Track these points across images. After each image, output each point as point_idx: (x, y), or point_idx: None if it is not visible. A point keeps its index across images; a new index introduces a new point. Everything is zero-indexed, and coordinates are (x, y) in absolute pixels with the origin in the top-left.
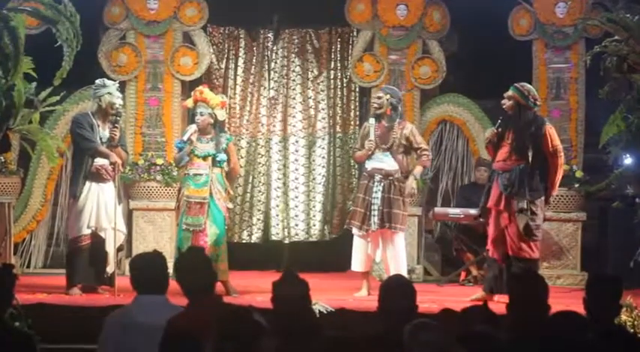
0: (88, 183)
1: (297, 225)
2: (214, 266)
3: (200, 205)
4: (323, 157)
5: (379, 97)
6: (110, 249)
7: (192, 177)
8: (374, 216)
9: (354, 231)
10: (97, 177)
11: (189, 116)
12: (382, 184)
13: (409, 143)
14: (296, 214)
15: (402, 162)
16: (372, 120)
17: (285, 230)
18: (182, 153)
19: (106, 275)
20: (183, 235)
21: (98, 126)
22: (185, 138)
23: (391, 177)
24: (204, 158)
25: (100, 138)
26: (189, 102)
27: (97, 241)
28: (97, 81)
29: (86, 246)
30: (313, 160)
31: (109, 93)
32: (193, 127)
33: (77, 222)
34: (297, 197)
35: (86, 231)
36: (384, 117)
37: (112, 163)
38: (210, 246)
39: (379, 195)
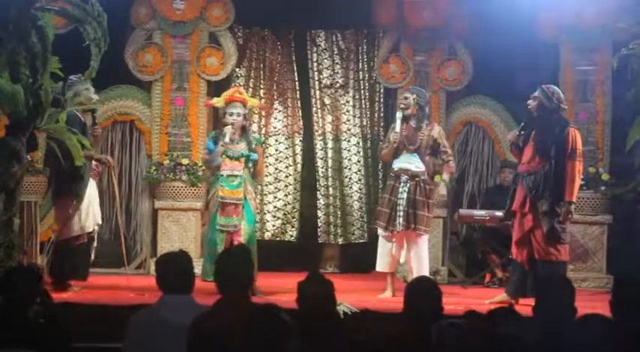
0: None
1: (324, 226)
2: None
3: (235, 206)
4: (350, 159)
5: (406, 97)
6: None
7: (226, 178)
8: (399, 216)
9: (380, 231)
10: (94, 173)
11: (214, 116)
12: (408, 185)
13: (436, 145)
14: (322, 215)
15: (429, 164)
16: (399, 114)
17: (313, 231)
18: (214, 154)
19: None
20: (218, 236)
21: (85, 120)
22: (227, 140)
23: (417, 178)
24: (238, 159)
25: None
26: (220, 102)
27: (89, 237)
28: (73, 77)
29: (83, 244)
30: (340, 161)
31: (87, 88)
32: (230, 129)
33: (83, 219)
34: (322, 197)
35: (91, 228)
36: (412, 118)
37: (103, 162)
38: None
39: (405, 195)
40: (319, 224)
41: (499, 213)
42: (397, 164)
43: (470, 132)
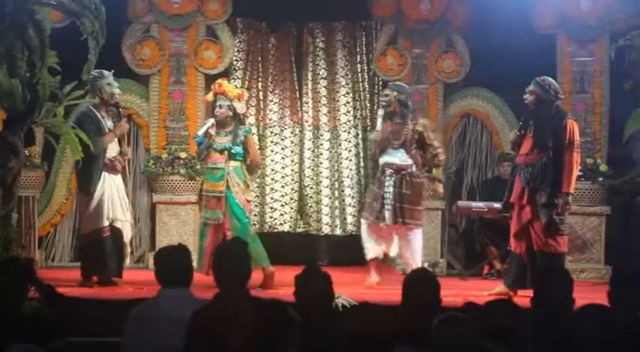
0: (102, 175)
1: (321, 218)
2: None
3: (217, 199)
4: (348, 150)
5: (386, 95)
6: (127, 240)
7: (210, 171)
8: (387, 210)
9: (363, 220)
10: (110, 168)
11: (212, 110)
12: (393, 178)
13: (422, 138)
14: (318, 206)
15: (416, 157)
16: (381, 112)
17: (310, 223)
18: (201, 147)
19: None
20: (203, 229)
21: (103, 117)
22: (200, 133)
23: (403, 172)
24: (221, 151)
25: (109, 129)
26: (210, 96)
27: (115, 233)
28: (94, 72)
29: (106, 238)
30: (338, 153)
31: (109, 83)
32: (211, 121)
33: (96, 214)
34: (308, 188)
35: (105, 223)
36: (395, 115)
37: (121, 154)
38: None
39: (391, 189)
40: (303, 215)
41: (497, 205)
42: (383, 158)
43: (468, 124)
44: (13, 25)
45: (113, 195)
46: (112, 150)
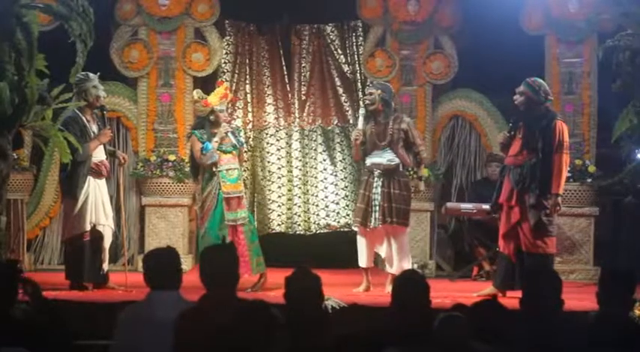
0: (87, 179)
1: (317, 217)
2: (257, 259)
3: (238, 199)
4: (340, 151)
5: (370, 93)
6: (107, 245)
7: (226, 173)
8: (375, 212)
9: (354, 227)
10: (95, 173)
11: (211, 113)
12: (382, 179)
13: (407, 137)
14: (312, 207)
15: (404, 156)
16: (362, 110)
17: (306, 222)
18: (211, 151)
19: (102, 272)
20: (223, 232)
21: (88, 121)
22: (235, 141)
23: (391, 172)
24: (231, 152)
25: (93, 133)
26: (215, 101)
27: (96, 237)
28: (80, 75)
29: (87, 242)
30: (328, 154)
31: (94, 86)
32: (227, 127)
33: (80, 218)
34: (301, 190)
35: (87, 228)
36: (379, 114)
37: (117, 157)
38: (249, 242)
39: (379, 190)
40: (293, 215)
41: (486, 206)
42: (369, 160)
43: (456, 126)
44: (1, 28)
45: (97, 199)
46: (98, 155)
